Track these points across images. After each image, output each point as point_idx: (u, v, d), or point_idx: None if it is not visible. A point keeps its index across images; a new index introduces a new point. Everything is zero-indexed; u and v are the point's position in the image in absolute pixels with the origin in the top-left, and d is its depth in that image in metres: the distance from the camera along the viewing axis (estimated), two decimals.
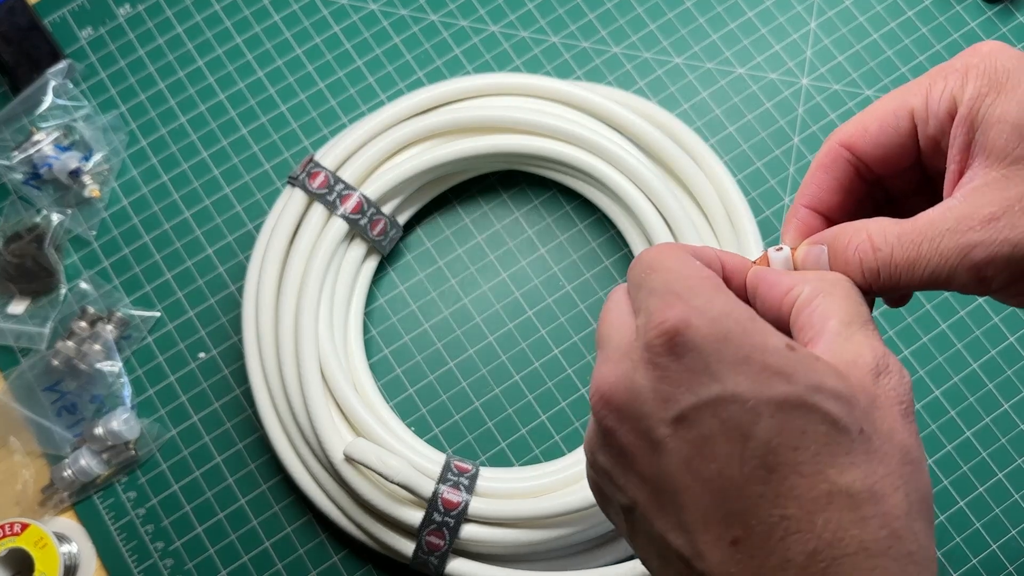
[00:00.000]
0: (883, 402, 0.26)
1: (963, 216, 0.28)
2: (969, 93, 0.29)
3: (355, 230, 0.54)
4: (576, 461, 0.51)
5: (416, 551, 0.49)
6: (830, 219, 0.33)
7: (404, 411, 0.56)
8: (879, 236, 0.29)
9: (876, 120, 0.31)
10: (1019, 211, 0.27)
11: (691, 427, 0.26)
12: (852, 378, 0.26)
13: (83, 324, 0.56)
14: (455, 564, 0.50)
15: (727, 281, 0.31)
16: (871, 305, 0.31)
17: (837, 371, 0.26)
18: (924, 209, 0.31)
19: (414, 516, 0.49)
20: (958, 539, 0.53)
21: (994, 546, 0.53)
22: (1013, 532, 0.53)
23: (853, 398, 0.26)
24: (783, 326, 0.29)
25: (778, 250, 0.31)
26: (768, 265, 0.31)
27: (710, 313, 0.26)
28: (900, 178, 0.34)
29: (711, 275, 0.28)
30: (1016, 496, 0.54)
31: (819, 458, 0.25)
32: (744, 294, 0.31)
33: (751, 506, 0.25)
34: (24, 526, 0.52)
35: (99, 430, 0.54)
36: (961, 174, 0.29)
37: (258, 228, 0.59)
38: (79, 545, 0.54)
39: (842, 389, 0.26)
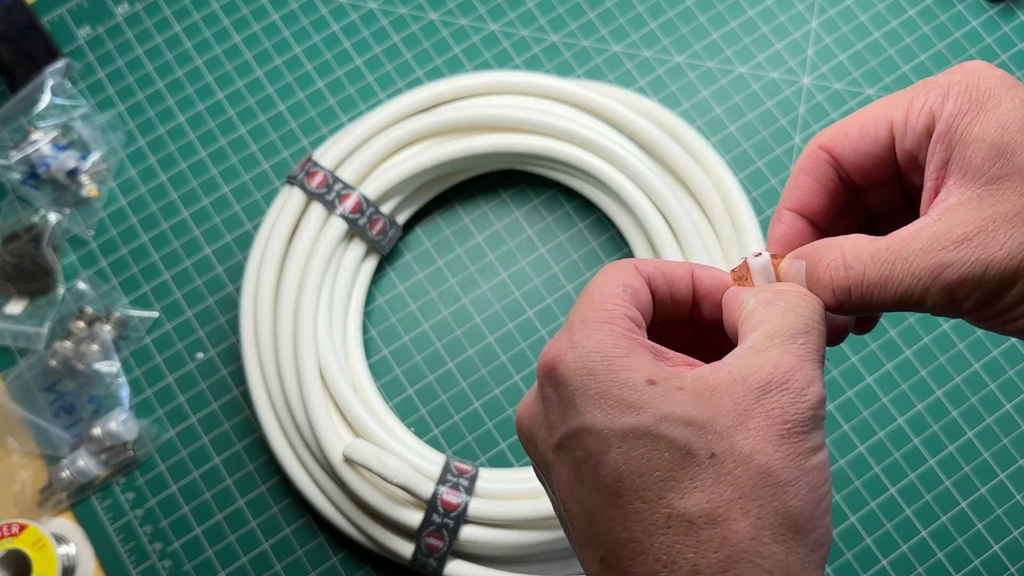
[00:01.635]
0: (756, 422, 0.27)
1: (936, 236, 0.27)
2: (948, 110, 0.29)
3: (354, 230, 0.54)
4: None
5: (415, 552, 0.49)
6: (814, 223, 0.33)
7: (404, 412, 0.56)
8: (852, 254, 0.29)
9: (856, 127, 0.31)
10: (992, 232, 0.27)
11: (567, 453, 0.28)
12: (717, 400, 0.27)
13: (81, 324, 0.56)
14: (453, 566, 0.50)
15: (702, 299, 0.32)
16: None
17: (695, 398, 0.27)
18: (898, 201, 0.33)
19: (413, 517, 0.49)
20: (959, 540, 0.53)
21: (996, 547, 0.53)
22: (1015, 533, 0.53)
23: (708, 423, 0.27)
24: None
25: (757, 255, 0.31)
26: (748, 271, 0.31)
27: (582, 349, 0.28)
28: (880, 193, 0.34)
29: (611, 308, 0.29)
30: (1017, 497, 0.54)
31: (662, 484, 0.26)
32: (718, 310, 0.32)
33: (607, 528, 0.27)
34: (22, 527, 0.51)
35: (97, 431, 0.54)
36: (937, 191, 0.29)
37: (257, 228, 0.59)
38: (77, 546, 0.54)
39: (695, 415, 0.27)
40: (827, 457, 0.27)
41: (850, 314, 0.30)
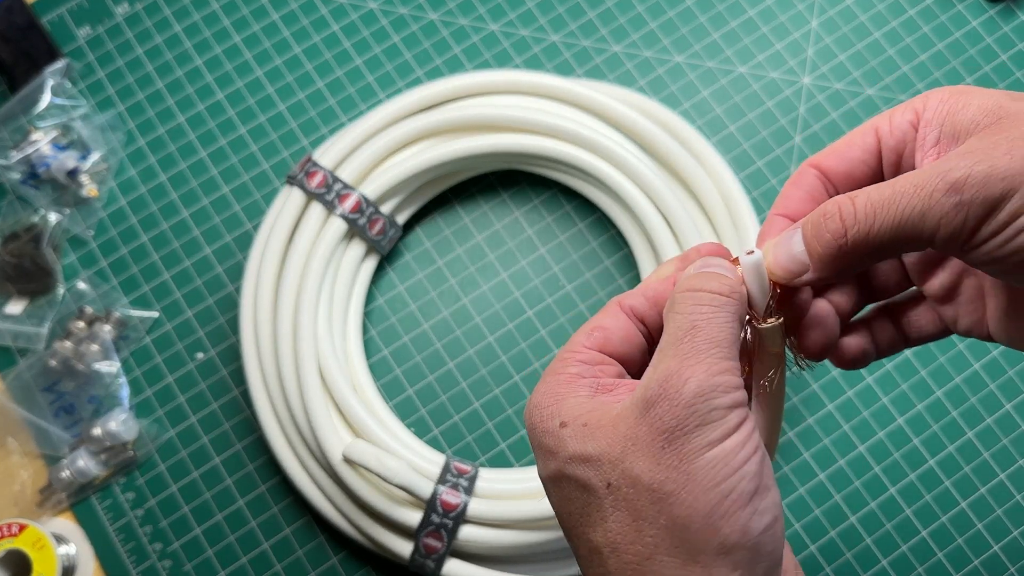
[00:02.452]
0: (641, 441, 0.27)
1: (941, 162, 0.28)
2: (932, 103, 0.30)
3: (354, 229, 0.54)
4: None
5: (413, 553, 0.49)
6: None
7: (403, 412, 0.56)
8: (858, 193, 0.29)
9: (843, 141, 0.33)
10: (993, 148, 0.27)
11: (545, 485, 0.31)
12: (614, 429, 0.28)
13: (81, 324, 0.56)
14: (451, 565, 0.50)
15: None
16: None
17: (593, 432, 0.28)
18: (896, 275, 0.35)
19: (413, 517, 0.49)
20: (959, 540, 0.53)
21: (996, 547, 0.53)
22: (1015, 533, 0.53)
23: (601, 455, 0.28)
24: None
25: (749, 253, 0.31)
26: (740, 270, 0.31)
27: (531, 403, 0.31)
28: None
29: (567, 356, 0.31)
30: (1017, 497, 0.54)
31: (581, 519, 0.28)
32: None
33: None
34: (22, 527, 0.51)
35: (97, 431, 0.54)
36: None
37: (256, 228, 0.59)
38: (77, 546, 0.54)
39: (590, 451, 0.28)
40: (733, 447, 0.27)
41: (840, 270, 0.30)
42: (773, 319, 0.30)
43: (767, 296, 0.30)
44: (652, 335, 0.32)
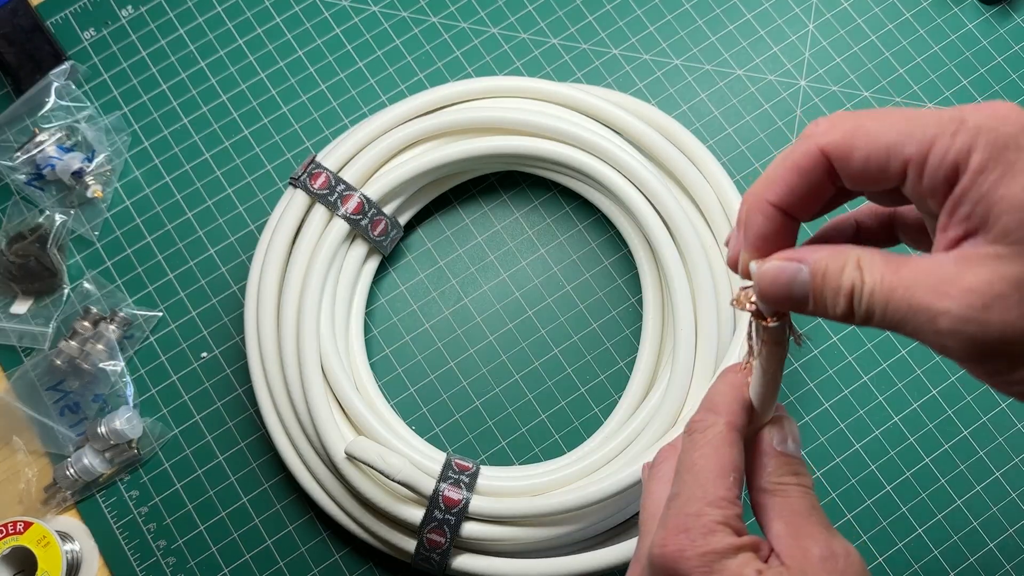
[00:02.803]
0: None
1: (945, 278, 0.26)
2: (974, 164, 0.26)
3: (356, 230, 0.54)
4: (575, 460, 0.52)
5: (418, 548, 0.49)
6: (795, 220, 0.30)
7: (405, 410, 0.56)
8: (867, 266, 0.27)
9: (865, 148, 0.28)
10: (998, 294, 0.25)
11: None
12: None
13: (86, 324, 0.57)
14: (462, 560, 0.50)
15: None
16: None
17: None
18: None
19: (415, 514, 0.49)
20: (955, 538, 0.54)
21: (991, 544, 0.54)
22: (1011, 531, 0.54)
23: None
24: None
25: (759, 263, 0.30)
26: (747, 299, 0.30)
27: (687, 560, 0.31)
28: (868, 217, 0.34)
29: (721, 507, 0.31)
30: (1014, 495, 0.54)
31: None
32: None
33: None
34: (27, 525, 0.52)
35: (102, 429, 0.54)
36: (956, 242, 0.27)
37: (260, 228, 0.59)
38: (81, 544, 0.54)
39: None
40: None
41: (844, 321, 0.29)
42: (780, 317, 0.30)
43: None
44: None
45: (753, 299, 0.30)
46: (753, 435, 0.33)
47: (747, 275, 0.30)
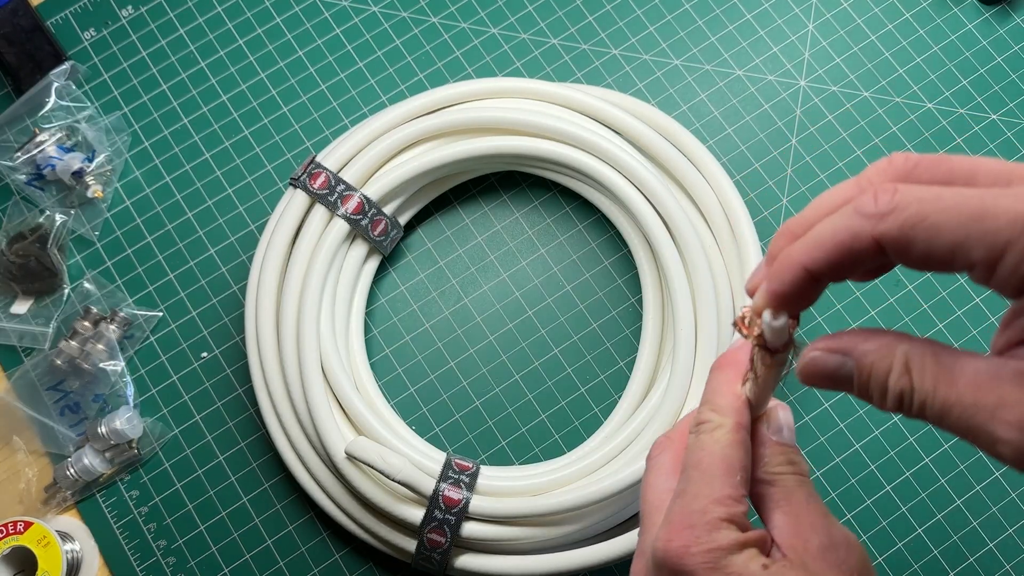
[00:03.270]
0: None
1: (1005, 402, 0.24)
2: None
3: (356, 230, 0.54)
4: (575, 460, 0.52)
5: (418, 548, 0.49)
6: (822, 284, 0.27)
7: (405, 410, 0.56)
8: (917, 364, 0.26)
9: (927, 242, 0.24)
10: None
11: None
12: None
13: (86, 324, 0.57)
14: (460, 560, 0.50)
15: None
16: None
17: None
18: None
19: (415, 514, 0.49)
20: (955, 537, 0.54)
21: (991, 544, 0.54)
22: (1011, 531, 0.54)
23: None
24: None
25: (776, 319, 0.28)
26: (752, 328, 0.30)
27: (694, 557, 0.31)
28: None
29: (728, 507, 0.31)
30: (1013, 495, 0.54)
31: None
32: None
33: None
34: (27, 525, 0.52)
35: (102, 429, 0.54)
36: (1014, 345, 0.26)
37: (260, 228, 0.59)
38: (82, 543, 0.54)
39: None
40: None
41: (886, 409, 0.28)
42: (786, 347, 0.30)
43: (786, 339, 0.29)
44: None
45: (758, 332, 0.29)
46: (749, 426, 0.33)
47: (758, 313, 0.29)
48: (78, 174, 0.59)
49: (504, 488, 0.50)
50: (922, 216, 0.24)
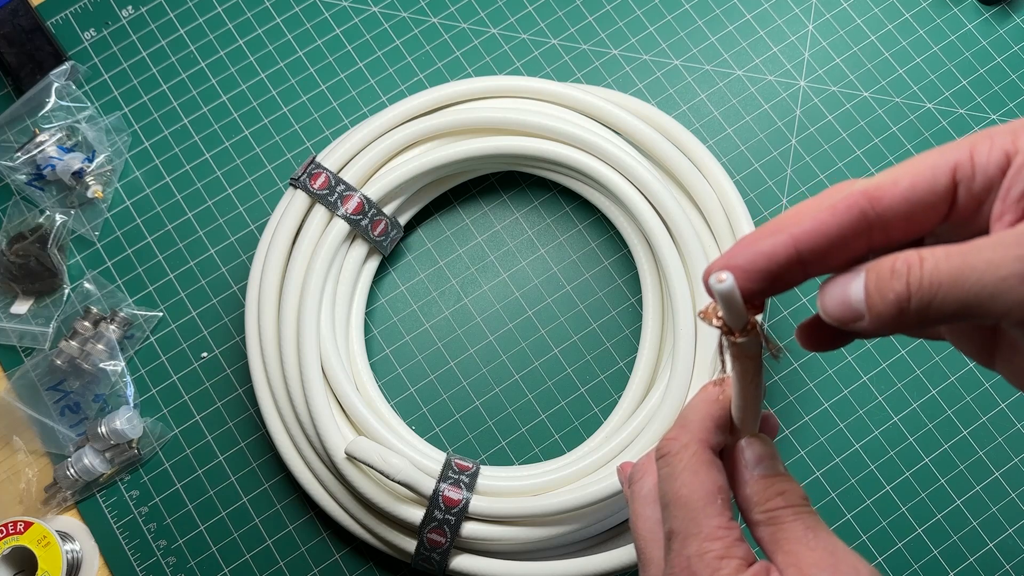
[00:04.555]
0: None
1: (1021, 235, 0.24)
2: (1023, 145, 0.26)
3: (356, 230, 0.54)
4: (575, 460, 0.52)
5: (418, 548, 0.49)
6: (805, 264, 0.28)
7: (405, 410, 0.56)
8: (926, 253, 0.26)
9: (908, 175, 0.27)
10: None
11: None
12: None
13: (86, 324, 0.57)
14: (460, 560, 0.50)
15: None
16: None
17: None
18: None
19: (415, 514, 0.49)
20: (955, 537, 0.54)
21: (991, 544, 0.54)
22: (1010, 530, 0.54)
23: None
24: None
25: (720, 281, 0.27)
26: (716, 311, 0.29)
27: None
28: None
29: (720, 539, 0.30)
30: (1013, 495, 0.54)
31: None
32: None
33: None
34: (27, 525, 0.52)
35: (102, 429, 0.54)
36: (1016, 221, 0.26)
37: (260, 228, 0.59)
38: (82, 543, 0.54)
39: None
40: None
41: (907, 327, 0.27)
42: (749, 332, 0.29)
43: (743, 318, 0.28)
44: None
45: (720, 313, 0.28)
46: (720, 441, 0.32)
47: (707, 284, 0.27)
48: (78, 174, 0.59)
49: (504, 488, 0.50)
50: (894, 169, 0.27)
